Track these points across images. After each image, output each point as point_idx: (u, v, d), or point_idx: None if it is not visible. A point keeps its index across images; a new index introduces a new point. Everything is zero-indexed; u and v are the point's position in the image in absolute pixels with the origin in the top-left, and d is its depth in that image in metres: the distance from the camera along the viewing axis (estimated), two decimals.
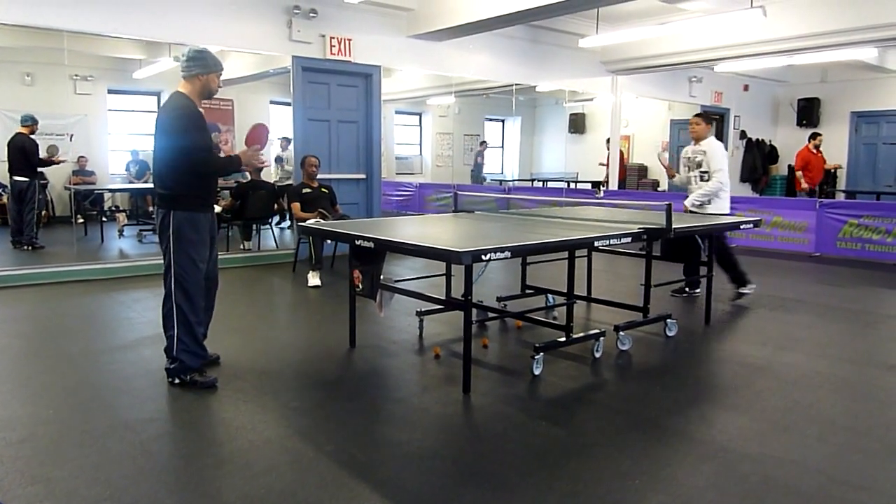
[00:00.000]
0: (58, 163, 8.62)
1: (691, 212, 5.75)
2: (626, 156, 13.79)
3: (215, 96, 3.80)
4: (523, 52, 9.95)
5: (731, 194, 5.95)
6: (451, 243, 3.57)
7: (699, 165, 5.75)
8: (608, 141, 12.01)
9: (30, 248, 8.08)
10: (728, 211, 5.83)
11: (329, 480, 2.61)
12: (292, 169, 8.26)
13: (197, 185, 3.60)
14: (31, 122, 8.15)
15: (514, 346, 4.62)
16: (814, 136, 11.31)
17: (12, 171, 8.09)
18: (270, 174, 10.22)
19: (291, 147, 8.84)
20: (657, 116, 14.00)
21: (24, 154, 8.06)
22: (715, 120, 6.04)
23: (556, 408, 3.48)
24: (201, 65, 3.59)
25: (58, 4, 6.25)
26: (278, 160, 10.70)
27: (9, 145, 8.07)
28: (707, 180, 5.68)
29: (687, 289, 6.06)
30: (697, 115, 6.00)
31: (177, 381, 3.65)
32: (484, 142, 14.36)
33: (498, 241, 3.64)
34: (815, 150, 11.21)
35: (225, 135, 11.26)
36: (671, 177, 6.15)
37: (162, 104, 3.81)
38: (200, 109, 3.66)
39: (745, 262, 6.11)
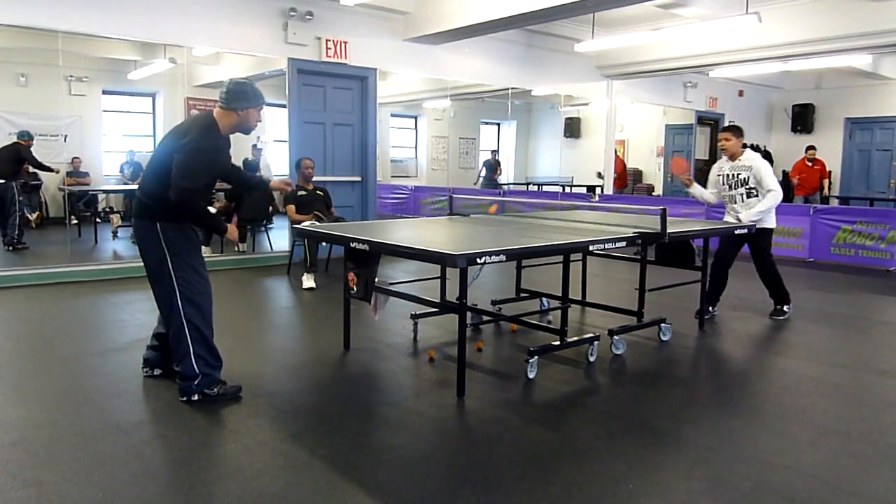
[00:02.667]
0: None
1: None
2: (624, 160, 13.77)
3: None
4: (519, 56, 9.97)
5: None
6: (446, 246, 3.57)
7: (745, 182, 5.43)
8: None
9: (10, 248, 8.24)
10: (774, 224, 5.62)
11: (322, 484, 2.61)
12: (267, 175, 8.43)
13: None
14: (28, 137, 8.48)
15: (508, 349, 4.62)
16: (807, 149, 11.39)
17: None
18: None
19: (264, 154, 8.98)
20: (652, 121, 14.04)
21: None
22: (741, 130, 5.56)
23: (550, 411, 3.48)
24: (242, 99, 3.38)
25: (52, 5, 6.24)
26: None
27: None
28: (754, 196, 5.41)
29: (710, 308, 5.62)
30: (726, 130, 5.58)
31: (196, 397, 3.40)
32: (494, 151, 14.39)
33: (493, 244, 3.64)
34: (808, 163, 11.28)
35: None
36: (687, 185, 5.73)
37: (191, 119, 3.58)
38: (227, 140, 3.50)
39: (738, 267, 6.12)
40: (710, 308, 5.65)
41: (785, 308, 5.62)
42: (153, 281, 3.49)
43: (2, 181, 8.33)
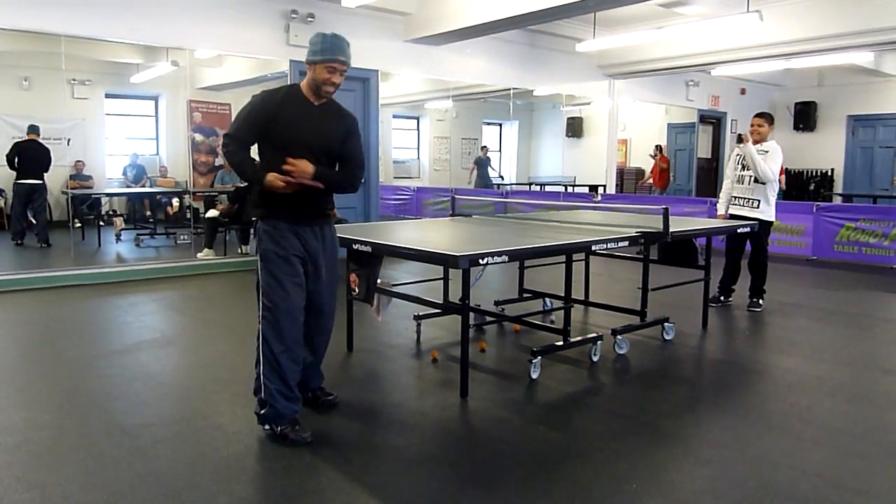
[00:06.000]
0: None
1: (732, 216, 5.76)
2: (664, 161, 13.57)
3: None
4: (521, 56, 9.97)
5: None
6: (449, 247, 3.58)
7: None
8: (660, 148, 13.03)
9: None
10: (774, 218, 5.75)
11: (326, 485, 2.61)
12: None
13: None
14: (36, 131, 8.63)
15: (511, 350, 4.61)
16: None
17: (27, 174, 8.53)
18: None
19: None
20: (654, 120, 14.03)
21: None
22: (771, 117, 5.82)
23: (553, 412, 3.48)
24: (309, 51, 2.97)
25: (55, 9, 6.26)
26: None
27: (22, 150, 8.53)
28: (761, 183, 5.55)
29: (722, 297, 5.93)
30: (761, 116, 5.68)
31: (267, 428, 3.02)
32: (484, 147, 14.31)
33: (495, 244, 3.64)
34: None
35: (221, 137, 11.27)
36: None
37: None
38: (312, 101, 3.02)
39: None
40: (722, 298, 5.95)
41: (761, 301, 5.80)
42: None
43: (37, 182, 8.52)
